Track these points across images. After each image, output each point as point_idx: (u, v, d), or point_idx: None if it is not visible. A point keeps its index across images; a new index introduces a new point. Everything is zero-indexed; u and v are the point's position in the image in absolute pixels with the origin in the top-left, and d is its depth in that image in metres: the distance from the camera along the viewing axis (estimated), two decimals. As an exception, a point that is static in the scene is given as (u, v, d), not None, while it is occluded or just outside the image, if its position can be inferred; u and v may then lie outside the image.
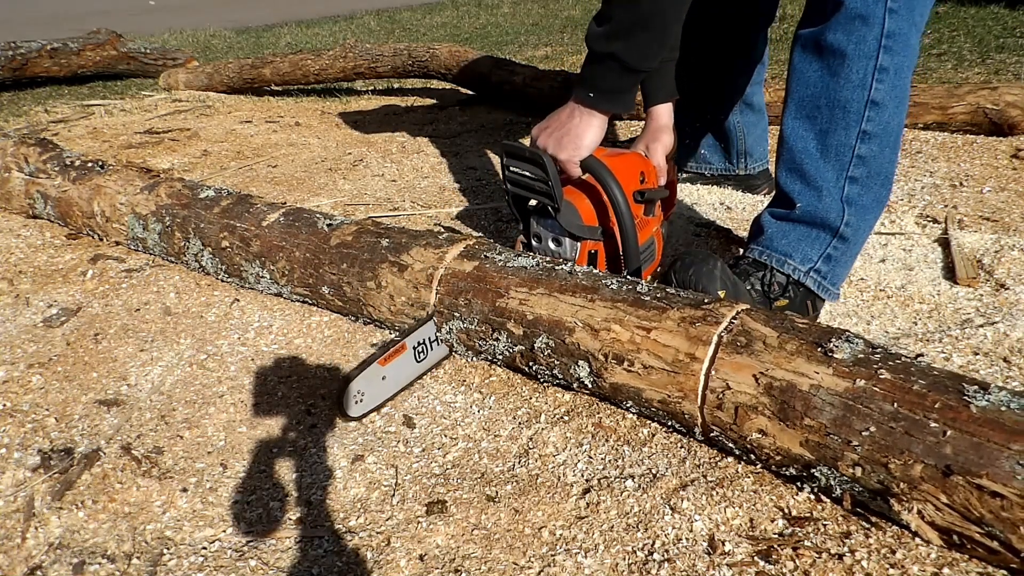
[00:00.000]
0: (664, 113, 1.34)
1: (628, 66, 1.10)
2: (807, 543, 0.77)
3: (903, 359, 0.80)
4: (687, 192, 1.84)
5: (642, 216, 1.25)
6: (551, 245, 1.21)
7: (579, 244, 1.19)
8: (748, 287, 1.17)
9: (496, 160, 2.26)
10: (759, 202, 1.75)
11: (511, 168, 1.19)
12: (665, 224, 1.35)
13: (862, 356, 0.80)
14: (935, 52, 3.22)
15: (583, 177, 1.20)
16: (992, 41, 3.28)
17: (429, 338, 1.14)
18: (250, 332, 1.28)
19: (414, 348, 1.11)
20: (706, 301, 0.94)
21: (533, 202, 1.21)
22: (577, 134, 1.15)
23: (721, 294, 1.10)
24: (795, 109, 1.18)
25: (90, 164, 1.66)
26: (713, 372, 0.86)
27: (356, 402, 1.03)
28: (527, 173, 1.17)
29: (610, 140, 2.39)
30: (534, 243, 1.24)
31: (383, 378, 1.07)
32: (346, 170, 2.22)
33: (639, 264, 1.19)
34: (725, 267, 1.13)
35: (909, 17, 1.08)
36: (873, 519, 0.79)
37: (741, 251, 1.33)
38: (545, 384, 1.09)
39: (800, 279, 1.17)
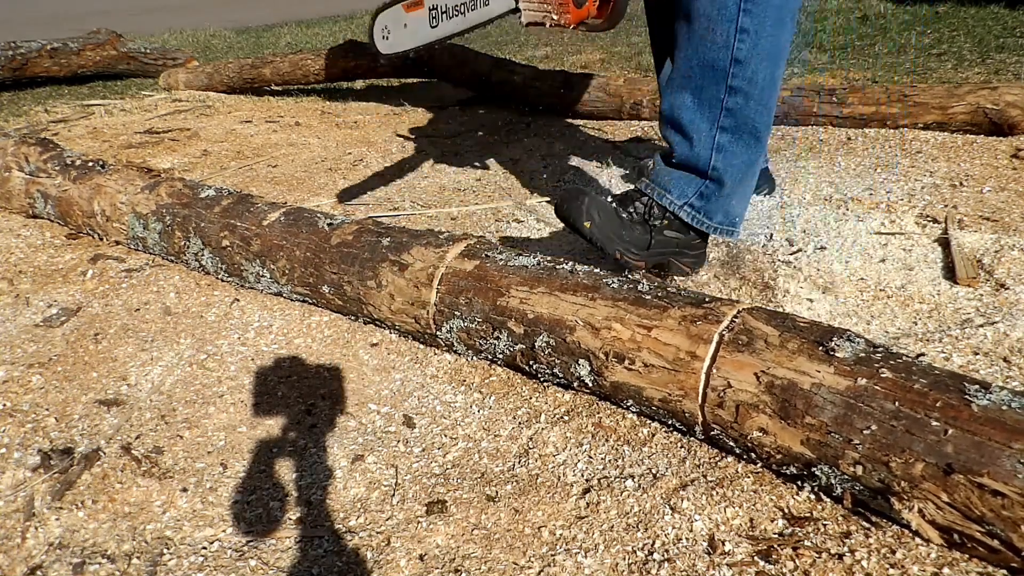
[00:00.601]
0: None
1: None
2: (807, 543, 0.77)
3: (904, 358, 0.80)
4: (687, 192, 1.84)
5: None
6: None
7: None
8: (631, 210, 1.30)
9: (496, 160, 2.26)
10: (760, 202, 1.75)
11: None
12: None
13: (863, 355, 0.80)
14: (935, 52, 3.22)
15: None
16: (992, 41, 3.28)
17: (444, 6, 1.23)
18: (250, 332, 1.28)
19: (430, 10, 1.22)
20: (707, 300, 0.94)
21: None
22: None
23: (586, 225, 1.23)
24: (673, 71, 1.31)
25: (91, 164, 1.66)
26: (714, 370, 0.86)
27: (383, 37, 1.15)
28: None
29: (610, 144, 2.39)
30: None
31: (405, 25, 1.19)
32: (346, 170, 2.22)
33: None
34: (594, 198, 1.26)
35: None
36: (873, 519, 0.79)
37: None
38: (545, 384, 1.09)
39: (675, 211, 1.30)
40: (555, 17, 1.28)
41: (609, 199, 1.31)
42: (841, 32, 3.94)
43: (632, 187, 1.35)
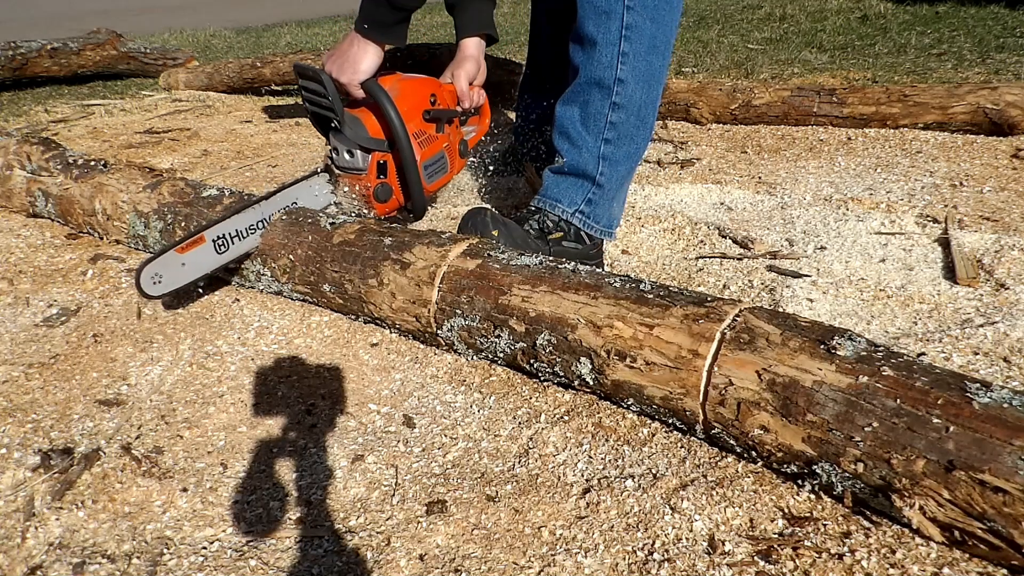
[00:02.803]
0: (471, 45, 1.55)
1: (393, 3, 1.31)
2: (807, 543, 0.77)
3: (905, 357, 0.80)
4: (687, 192, 1.84)
5: (432, 133, 1.45)
6: (346, 156, 1.37)
7: (369, 155, 1.36)
8: (527, 228, 1.41)
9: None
10: (760, 202, 1.75)
11: (304, 88, 1.33)
12: (464, 143, 1.55)
13: (865, 354, 0.80)
14: (935, 52, 3.22)
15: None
16: (992, 41, 3.28)
17: (230, 233, 1.25)
18: (250, 332, 1.28)
19: (214, 241, 1.24)
20: (709, 299, 0.94)
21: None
22: (355, 60, 1.34)
23: (495, 233, 1.32)
24: (566, 89, 1.42)
25: (92, 163, 1.66)
26: (716, 368, 0.86)
27: (155, 283, 1.17)
28: (314, 91, 1.32)
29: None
30: (333, 155, 1.40)
31: (183, 264, 1.20)
32: (346, 170, 2.22)
33: (416, 173, 1.40)
34: (495, 214, 1.36)
35: (643, 12, 1.31)
36: (874, 518, 0.79)
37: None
38: (545, 384, 1.09)
39: (568, 218, 1.42)
40: (365, 211, 1.45)
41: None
42: (841, 32, 3.95)
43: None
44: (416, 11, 1.37)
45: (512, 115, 2.79)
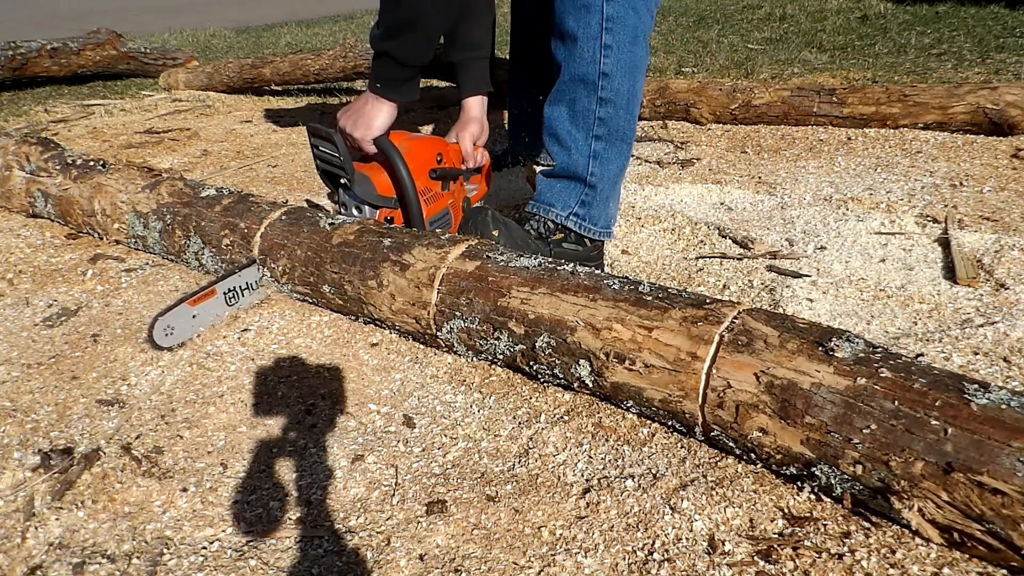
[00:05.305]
0: (474, 105, 1.55)
1: (401, 61, 1.32)
2: (807, 543, 0.77)
3: (904, 358, 0.80)
4: (687, 192, 1.84)
5: (438, 191, 1.46)
6: (354, 212, 1.40)
7: (377, 212, 1.39)
8: (528, 229, 1.42)
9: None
10: (760, 202, 1.75)
11: (316, 146, 1.36)
12: (467, 201, 1.58)
13: (863, 355, 0.80)
14: (935, 52, 3.22)
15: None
16: (992, 41, 3.28)
17: (240, 286, 1.30)
18: (250, 332, 1.28)
19: (224, 294, 1.29)
20: (708, 301, 0.94)
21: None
22: (369, 117, 1.36)
23: (495, 233, 1.34)
24: (553, 88, 1.41)
25: (92, 163, 1.66)
26: (714, 371, 0.86)
27: (167, 335, 1.21)
28: (326, 149, 1.35)
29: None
30: (342, 211, 1.42)
31: (193, 316, 1.26)
32: (346, 170, 2.22)
33: (423, 229, 1.40)
34: (496, 214, 1.37)
35: (625, 2, 1.29)
36: (873, 519, 0.79)
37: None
38: (545, 384, 1.09)
39: (562, 222, 1.41)
40: None
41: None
42: (841, 32, 3.95)
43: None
44: (425, 66, 1.38)
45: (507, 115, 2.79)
